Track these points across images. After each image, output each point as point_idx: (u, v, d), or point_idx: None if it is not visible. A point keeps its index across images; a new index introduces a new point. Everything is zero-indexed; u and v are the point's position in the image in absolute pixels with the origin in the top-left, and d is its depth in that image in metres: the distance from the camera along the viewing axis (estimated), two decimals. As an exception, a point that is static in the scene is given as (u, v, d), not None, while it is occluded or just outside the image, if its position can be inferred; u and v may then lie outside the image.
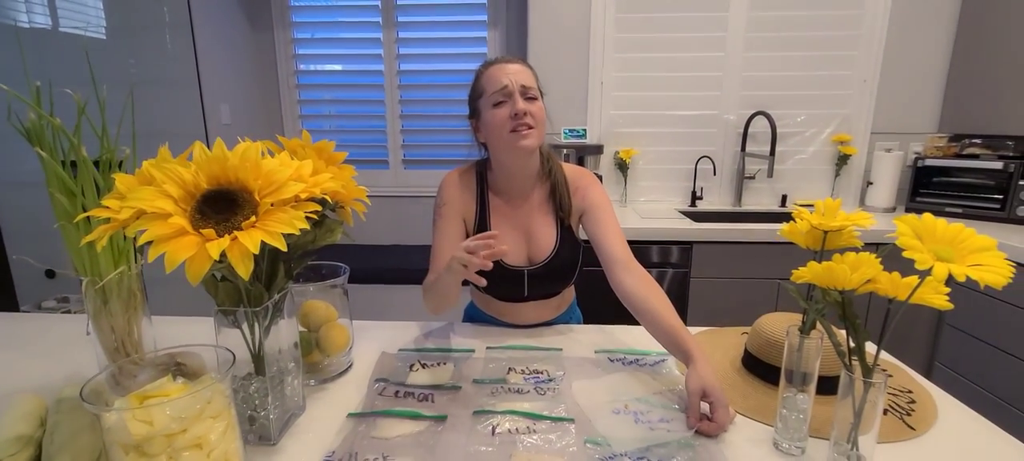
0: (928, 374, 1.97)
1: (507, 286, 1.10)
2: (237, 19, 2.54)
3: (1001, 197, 2.07)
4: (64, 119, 0.68)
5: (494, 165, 1.10)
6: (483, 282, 0.82)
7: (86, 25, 2.20)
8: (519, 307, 1.13)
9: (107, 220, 0.54)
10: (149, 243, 0.47)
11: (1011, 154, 2.11)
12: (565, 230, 1.10)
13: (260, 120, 2.75)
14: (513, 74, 0.99)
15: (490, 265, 0.79)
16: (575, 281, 1.18)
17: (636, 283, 0.95)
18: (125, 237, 0.74)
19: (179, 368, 0.63)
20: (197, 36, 2.19)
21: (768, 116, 2.22)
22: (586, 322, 1.23)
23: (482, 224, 1.10)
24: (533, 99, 1.01)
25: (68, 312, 2.09)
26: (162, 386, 0.55)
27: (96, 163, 0.73)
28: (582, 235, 1.12)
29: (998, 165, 2.07)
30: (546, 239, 1.09)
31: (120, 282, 0.74)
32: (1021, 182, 2.02)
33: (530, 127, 0.99)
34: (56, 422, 0.62)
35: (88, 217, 0.69)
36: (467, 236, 1.12)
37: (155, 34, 2.17)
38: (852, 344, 0.58)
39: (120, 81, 2.16)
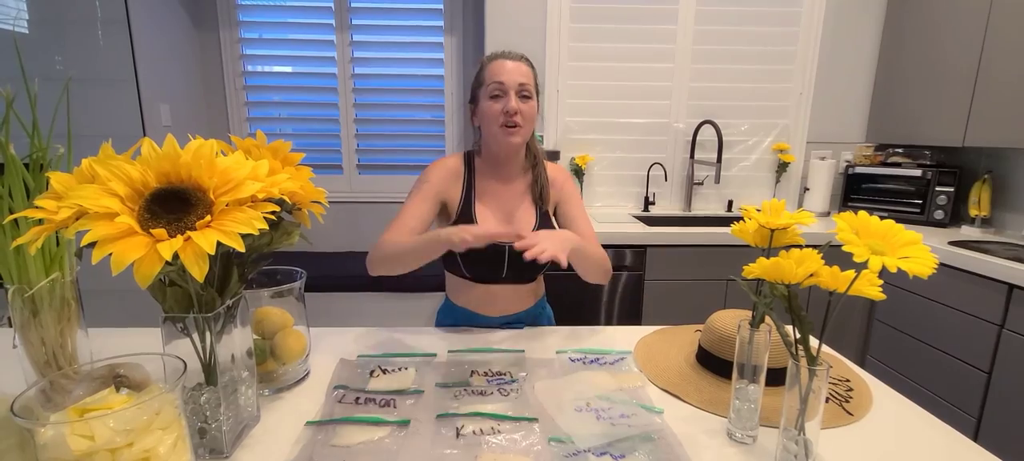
0: (861, 366, 2.11)
1: (486, 265, 1.14)
2: (178, 16, 2.41)
3: (920, 202, 2.27)
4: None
5: (483, 151, 1.18)
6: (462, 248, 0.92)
7: (12, 19, 2.03)
8: (494, 293, 1.17)
9: (42, 221, 0.50)
10: (93, 244, 0.44)
11: (928, 163, 2.31)
12: (544, 215, 1.19)
13: (204, 122, 2.62)
14: (511, 72, 1.08)
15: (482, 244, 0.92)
16: (547, 283, 1.27)
17: None
18: (58, 242, 0.70)
19: (120, 380, 0.59)
20: (134, 32, 2.06)
21: (715, 125, 2.33)
22: (557, 322, 1.29)
23: (467, 206, 1.15)
24: (527, 98, 1.10)
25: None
26: (104, 399, 0.51)
27: (25, 163, 0.68)
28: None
29: (917, 173, 2.27)
30: (527, 220, 1.17)
31: (52, 290, 0.69)
32: (937, 188, 2.22)
33: (518, 125, 1.09)
34: (-22, 443, 0.57)
35: (16, 220, 0.64)
36: (441, 217, 1.18)
37: (86, 29, 2.03)
38: (798, 336, 0.62)
39: (45, 78, 2.00)
